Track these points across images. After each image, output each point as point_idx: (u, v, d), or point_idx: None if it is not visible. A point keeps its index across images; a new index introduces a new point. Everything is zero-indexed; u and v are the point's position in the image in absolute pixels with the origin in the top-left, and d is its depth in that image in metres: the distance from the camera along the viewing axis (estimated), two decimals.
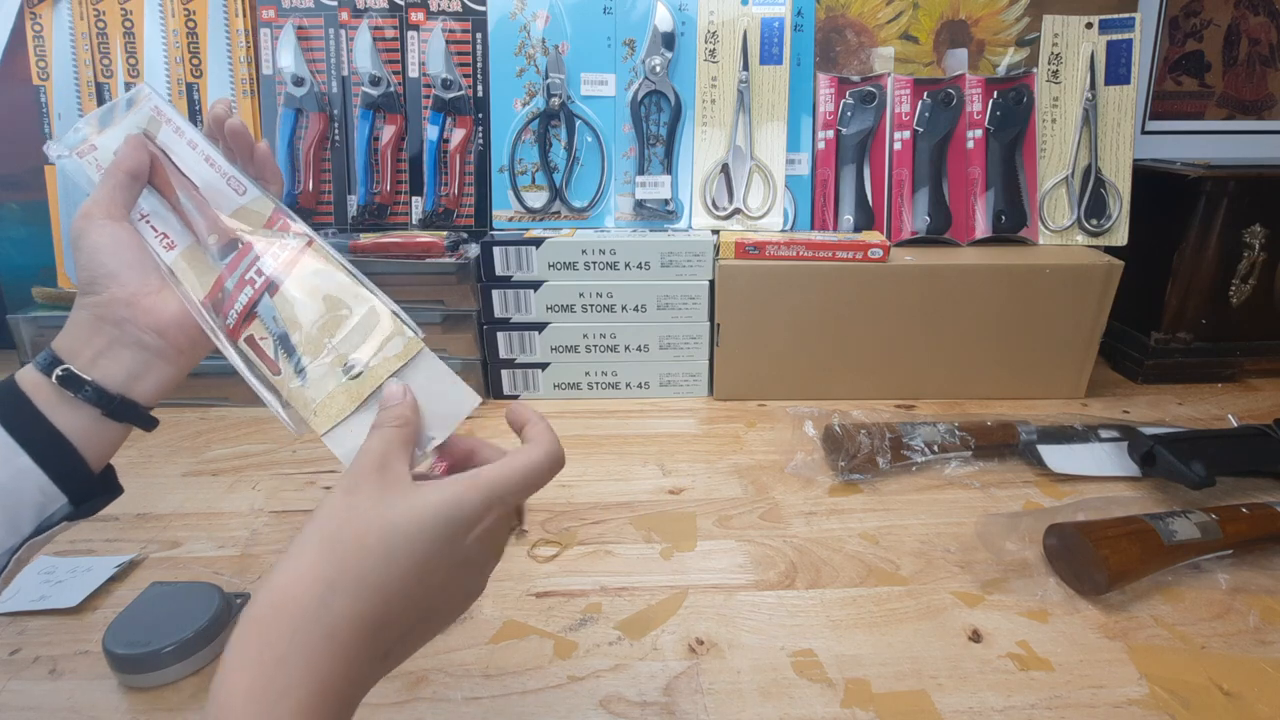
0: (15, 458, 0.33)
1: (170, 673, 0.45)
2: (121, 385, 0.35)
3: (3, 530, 0.33)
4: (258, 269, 0.36)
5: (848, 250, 0.77)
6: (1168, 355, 0.87)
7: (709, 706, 0.43)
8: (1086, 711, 0.43)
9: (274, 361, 0.35)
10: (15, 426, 0.33)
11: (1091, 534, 0.52)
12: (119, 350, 0.35)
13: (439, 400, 0.35)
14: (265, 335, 0.35)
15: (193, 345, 0.37)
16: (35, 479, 0.33)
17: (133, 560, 0.56)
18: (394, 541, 0.28)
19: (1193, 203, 0.81)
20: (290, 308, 0.36)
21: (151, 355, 0.36)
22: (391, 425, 0.32)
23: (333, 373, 0.34)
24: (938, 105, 0.84)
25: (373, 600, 0.27)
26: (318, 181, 0.87)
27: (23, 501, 0.33)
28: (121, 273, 0.35)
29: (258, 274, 0.36)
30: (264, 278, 0.36)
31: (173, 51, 0.85)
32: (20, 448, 0.33)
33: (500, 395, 0.85)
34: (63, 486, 0.34)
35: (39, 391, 0.34)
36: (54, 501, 0.34)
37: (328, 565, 0.27)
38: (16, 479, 0.33)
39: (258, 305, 0.36)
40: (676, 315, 0.82)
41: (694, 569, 0.56)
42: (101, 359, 0.35)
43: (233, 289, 0.36)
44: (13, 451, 0.33)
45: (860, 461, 0.67)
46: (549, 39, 0.84)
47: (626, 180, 0.86)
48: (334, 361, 0.35)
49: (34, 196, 0.86)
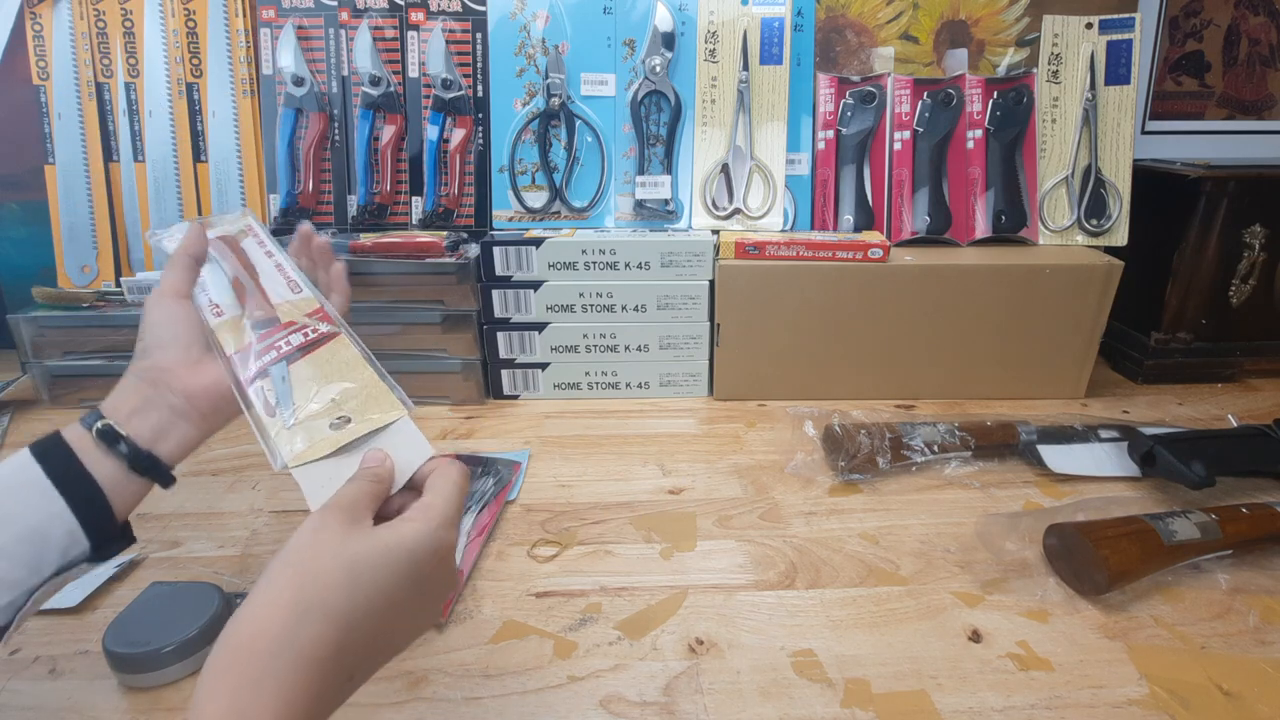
0: (52, 502, 0.36)
1: (170, 673, 0.45)
2: (149, 441, 0.40)
3: (27, 570, 0.35)
4: (286, 341, 0.43)
5: (848, 250, 0.77)
6: (1168, 355, 0.87)
7: (709, 706, 0.43)
8: (1086, 711, 0.43)
9: (272, 406, 0.40)
10: (57, 473, 0.37)
11: (1091, 534, 0.52)
12: (151, 410, 0.41)
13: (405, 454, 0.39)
14: (272, 389, 0.41)
15: (215, 411, 0.42)
16: (66, 523, 0.37)
17: (133, 560, 0.56)
18: (357, 572, 0.30)
19: (1193, 203, 0.81)
20: (301, 373, 0.41)
21: (178, 417, 0.41)
22: (368, 480, 0.35)
23: (319, 424, 0.39)
24: (938, 105, 0.84)
25: (338, 626, 0.29)
26: (318, 181, 0.87)
27: (50, 544, 0.36)
28: (169, 344, 0.42)
29: (285, 344, 0.43)
30: (289, 348, 0.42)
31: (173, 51, 0.85)
32: (59, 493, 0.37)
33: (500, 395, 0.85)
34: (89, 532, 0.37)
35: (80, 443, 0.38)
36: (77, 545, 0.37)
37: (297, 596, 0.29)
38: (49, 522, 0.36)
39: (274, 366, 0.42)
40: (676, 315, 0.82)
41: (694, 569, 0.56)
42: (136, 416, 0.40)
43: (259, 349, 0.42)
44: (51, 497, 0.36)
45: (860, 461, 0.67)
46: (549, 39, 0.84)
47: (626, 180, 0.86)
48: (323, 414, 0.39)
49: (34, 196, 0.86)
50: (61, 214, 0.86)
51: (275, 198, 0.87)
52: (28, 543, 0.35)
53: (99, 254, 0.87)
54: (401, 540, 0.32)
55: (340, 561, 0.30)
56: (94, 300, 0.83)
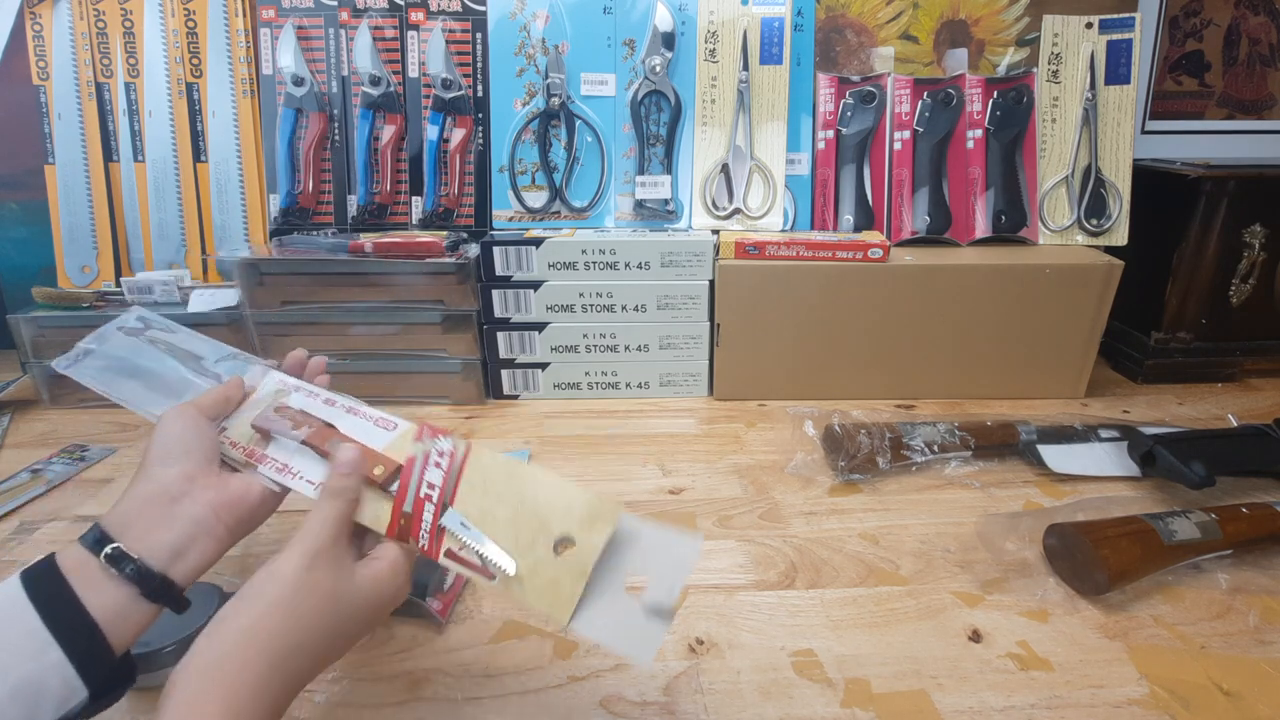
0: (47, 651, 0.32)
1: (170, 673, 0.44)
2: (164, 563, 0.36)
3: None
4: (428, 483, 0.38)
5: (848, 250, 0.77)
6: (1168, 355, 0.87)
7: (709, 706, 0.43)
8: (1086, 711, 0.43)
9: (483, 569, 0.36)
10: (50, 614, 0.33)
11: (1091, 534, 0.52)
12: (166, 527, 0.37)
13: (661, 555, 0.36)
14: (462, 546, 0.37)
15: (239, 524, 0.39)
16: (63, 672, 0.33)
17: None
18: (341, 619, 0.34)
19: (1193, 203, 0.81)
20: (475, 510, 0.37)
21: (200, 532, 0.38)
22: (341, 498, 0.36)
23: (546, 561, 0.36)
24: (938, 105, 0.84)
25: (315, 663, 0.34)
26: (318, 181, 0.87)
27: (46, 695, 0.32)
28: (194, 453, 0.39)
29: (430, 488, 0.38)
30: (437, 490, 0.38)
31: (173, 51, 0.85)
32: (55, 640, 0.32)
33: (500, 395, 0.85)
34: (85, 676, 0.33)
35: (79, 570, 0.34)
36: (76, 695, 0.33)
37: (292, 634, 0.32)
38: (44, 672, 0.32)
39: (442, 519, 0.37)
40: (676, 315, 0.82)
41: (694, 569, 0.56)
42: (151, 533, 0.36)
43: (412, 513, 0.38)
44: (46, 644, 0.32)
45: (860, 461, 0.67)
46: (549, 39, 0.84)
47: (626, 180, 0.86)
48: (542, 546, 0.36)
49: (34, 196, 0.86)
50: (61, 214, 0.86)
51: (275, 198, 0.87)
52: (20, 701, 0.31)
53: (99, 254, 0.87)
54: (379, 595, 0.35)
55: (329, 609, 0.34)
56: (94, 300, 0.83)
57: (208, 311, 0.81)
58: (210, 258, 0.88)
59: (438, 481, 0.38)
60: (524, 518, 0.37)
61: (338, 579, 0.34)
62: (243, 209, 0.88)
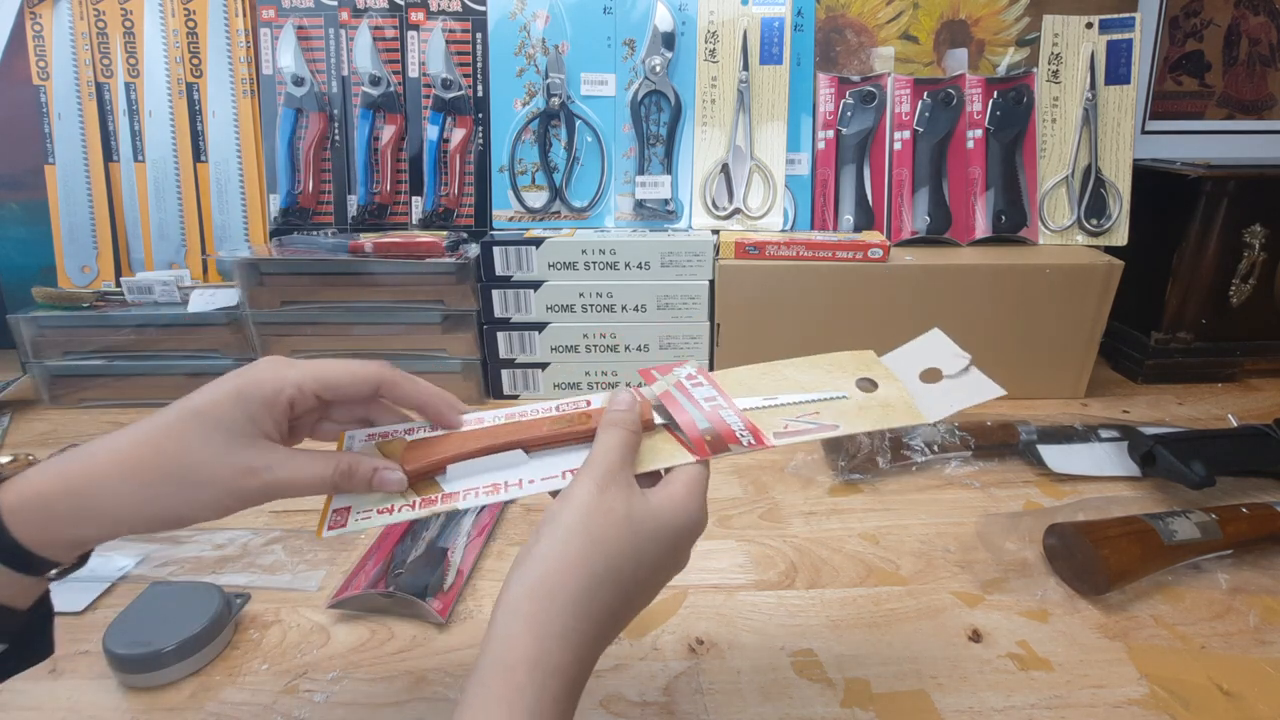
0: None
1: (170, 673, 0.45)
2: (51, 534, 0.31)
3: None
4: (705, 398, 0.38)
5: (848, 250, 0.77)
6: (1168, 355, 0.87)
7: (709, 706, 0.43)
8: (1086, 711, 0.43)
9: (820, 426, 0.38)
10: None
11: (1091, 534, 0.52)
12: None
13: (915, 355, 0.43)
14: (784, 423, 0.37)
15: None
16: None
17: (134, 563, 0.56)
18: (641, 547, 0.32)
19: (1193, 203, 0.81)
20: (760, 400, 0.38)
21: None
22: (623, 427, 0.35)
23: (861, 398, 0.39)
24: (938, 105, 0.84)
25: (623, 594, 0.32)
26: (318, 181, 0.87)
27: None
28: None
29: (709, 400, 0.38)
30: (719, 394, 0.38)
31: (173, 51, 0.85)
32: None
33: (500, 395, 0.85)
34: None
35: None
36: None
37: (593, 560, 0.31)
38: None
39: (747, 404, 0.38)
40: (676, 315, 0.82)
41: (694, 569, 0.55)
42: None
43: (712, 425, 0.37)
44: None
45: (860, 461, 0.67)
46: (549, 39, 0.84)
47: (626, 180, 0.86)
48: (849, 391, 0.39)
49: (34, 196, 0.86)
50: (61, 214, 0.86)
51: (275, 198, 0.87)
52: None
53: (99, 254, 0.87)
54: (676, 517, 0.33)
55: (627, 533, 0.32)
56: (94, 300, 0.83)
57: (208, 311, 0.81)
58: (210, 258, 0.88)
59: (712, 393, 0.38)
60: (809, 389, 0.38)
61: (630, 503, 0.32)
62: (243, 209, 0.88)
